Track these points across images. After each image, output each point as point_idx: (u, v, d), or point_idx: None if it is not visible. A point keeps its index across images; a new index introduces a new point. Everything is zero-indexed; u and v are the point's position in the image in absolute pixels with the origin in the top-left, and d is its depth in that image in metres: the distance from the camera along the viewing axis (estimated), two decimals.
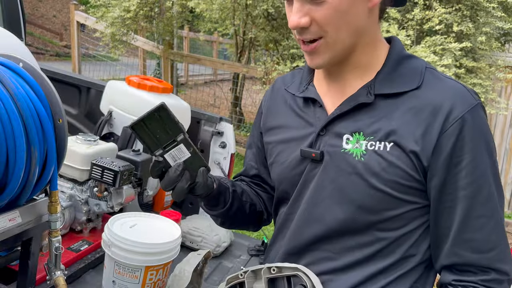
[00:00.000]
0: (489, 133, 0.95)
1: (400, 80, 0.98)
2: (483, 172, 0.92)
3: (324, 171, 1.01)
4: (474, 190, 0.92)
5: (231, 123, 2.79)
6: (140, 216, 1.93)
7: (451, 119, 0.92)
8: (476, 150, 0.92)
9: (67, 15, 17.35)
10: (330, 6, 0.90)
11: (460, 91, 0.95)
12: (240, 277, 1.07)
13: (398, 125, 0.94)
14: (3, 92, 1.29)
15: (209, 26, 8.72)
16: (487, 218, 0.92)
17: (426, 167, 0.93)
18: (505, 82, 5.19)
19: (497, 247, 0.93)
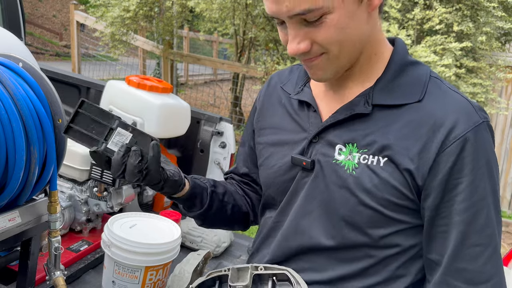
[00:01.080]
0: (492, 155, 0.88)
1: (401, 90, 0.91)
2: (482, 197, 0.86)
3: (314, 181, 0.96)
4: (471, 216, 0.85)
5: (231, 123, 2.78)
6: (140, 216, 1.93)
7: (452, 137, 0.85)
8: (476, 172, 0.85)
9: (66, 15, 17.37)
10: (330, 25, 0.83)
11: (465, 107, 0.88)
12: (224, 272, 1.02)
13: (394, 140, 0.88)
14: (2, 92, 1.29)
15: (209, 26, 8.71)
16: (483, 247, 0.86)
17: (421, 186, 0.87)
18: (506, 82, 5.19)
19: (492, 279, 0.86)
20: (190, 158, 2.85)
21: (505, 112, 4.81)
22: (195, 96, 8.64)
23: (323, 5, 0.81)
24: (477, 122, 0.86)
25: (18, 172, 1.31)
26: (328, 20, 0.83)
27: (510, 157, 5.41)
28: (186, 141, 2.84)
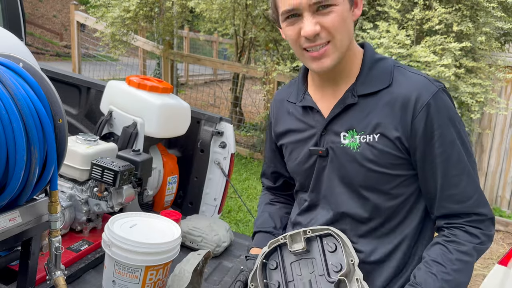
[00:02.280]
0: (451, 110, 1.16)
1: (375, 80, 1.20)
2: (451, 141, 1.15)
3: (331, 164, 1.25)
4: (446, 156, 1.15)
5: (231, 123, 2.79)
6: (140, 216, 1.93)
7: (419, 107, 1.14)
8: (442, 126, 1.14)
9: (67, 15, 17.37)
10: (336, 15, 1.11)
11: (422, 82, 1.17)
12: (281, 240, 1.26)
13: (380, 119, 1.17)
14: (3, 92, 1.29)
15: (209, 26, 8.71)
16: (460, 176, 1.16)
17: (408, 147, 1.17)
18: (505, 82, 5.18)
19: (473, 197, 1.17)
20: (190, 158, 2.85)
21: (504, 112, 4.81)
22: (195, 96, 8.64)
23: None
24: (434, 91, 1.15)
25: (19, 172, 1.31)
26: (335, 10, 1.11)
27: (509, 157, 5.41)
28: (186, 141, 2.85)
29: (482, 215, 1.17)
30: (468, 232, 1.17)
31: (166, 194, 2.69)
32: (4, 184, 1.34)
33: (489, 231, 1.18)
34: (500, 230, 4.93)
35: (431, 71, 4.36)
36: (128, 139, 2.49)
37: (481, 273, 4.01)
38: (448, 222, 1.20)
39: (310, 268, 1.22)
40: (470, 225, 1.18)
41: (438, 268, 1.15)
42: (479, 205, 1.17)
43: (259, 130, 6.56)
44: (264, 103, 7.10)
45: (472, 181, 1.17)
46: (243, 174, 5.90)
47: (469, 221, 1.17)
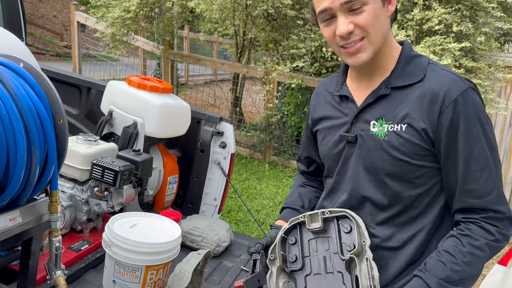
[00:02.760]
0: (478, 108, 1.20)
1: (408, 75, 1.26)
2: (474, 137, 1.19)
3: (359, 150, 1.32)
4: (469, 151, 1.19)
5: (231, 123, 2.79)
6: (140, 216, 1.94)
7: (446, 102, 1.19)
8: (468, 122, 1.18)
9: (67, 15, 17.38)
10: (369, 13, 1.18)
11: (453, 79, 1.21)
12: (301, 218, 1.35)
13: (409, 110, 1.22)
14: (3, 92, 1.29)
15: (209, 26, 8.71)
16: (480, 171, 1.19)
17: (433, 139, 1.21)
18: (505, 82, 5.18)
19: (491, 193, 1.19)
20: (190, 158, 2.86)
21: (504, 112, 4.81)
22: (195, 96, 8.64)
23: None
24: (463, 88, 1.20)
25: (19, 172, 1.32)
26: (367, 9, 1.17)
27: (509, 157, 5.40)
28: (186, 141, 2.85)
29: (500, 213, 1.20)
30: (483, 228, 1.20)
31: (166, 194, 2.70)
32: (4, 184, 1.34)
33: (506, 231, 1.21)
34: None
35: None
36: (129, 139, 2.49)
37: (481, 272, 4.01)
38: (465, 216, 1.23)
39: (325, 246, 1.32)
40: (486, 221, 1.20)
41: (449, 258, 1.19)
42: (497, 202, 1.19)
43: (259, 130, 6.56)
44: (264, 103, 7.10)
45: (493, 178, 1.19)
46: (243, 174, 5.90)
47: (485, 217, 1.20)
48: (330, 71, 5.85)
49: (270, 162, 6.49)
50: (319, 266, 1.31)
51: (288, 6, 5.52)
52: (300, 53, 5.46)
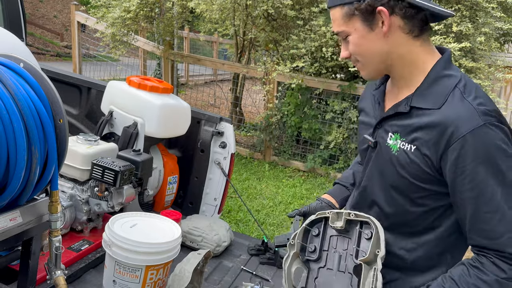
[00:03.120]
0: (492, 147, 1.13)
1: (431, 97, 1.22)
2: (483, 180, 1.14)
3: (376, 156, 1.35)
4: (477, 193, 1.15)
5: (231, 123, 2.79)
6: (140, 216, 1.94)
7: (455, 137, 1.15)
8: (476, 162, 1.13)
9: (67, 15, 17.37)
10: (352, 43, 1.26)
11: (469, 113, 1.15)
12: (327, 214, 1.39)
13: (420, 134, 1.22)
14: (4, 92, 1.30)
15: (209, 26, 8.71)
16: (492, 213, 1.14)
17: (438, 168, 1.20)
18: (505, 82, 5.19)
19: (504, 235, 1.14)
20: (190, 158, 2.86)
21: (504, 112, 4.82)
22: (195, 97, 8.63)
23: (343, 29, 1.26)
24: (476, 125, 1.13)
25: (19, 172, 1.32)
26: (350, 39, 1.26)
27: None
28: (186, 141, 2.85)
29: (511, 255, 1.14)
30: (495, 264, 1.15)
31: (166, 194, 2.70)
32: (5, 184, 1.34)
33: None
34: None
35: None
36: (129, 139, 2.49)
37: None
38: (479, 250, 1.20)
39: (344, 246, 1.37)
40: (500, 258, 1.15)
41: (452, 285, 1.18)
42: (510, 244, 1.14)
43: (259, 130, 6.56)
44: (264, 103, 7.10)
45: (506, 221, 1.14)
46: (243, 174, 5.90)
47: (499, 255, 1.15)
48: (330, 71, 5.85)
49: (270, 162, 6.49)
50: (333, 262, 1.37)
51: (288, 6, 5.52)
52: (300, 53, 5.46)
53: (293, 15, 5.59)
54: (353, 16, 1.22)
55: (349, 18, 1.23)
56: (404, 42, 1.24)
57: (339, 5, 1.24)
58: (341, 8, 1.24)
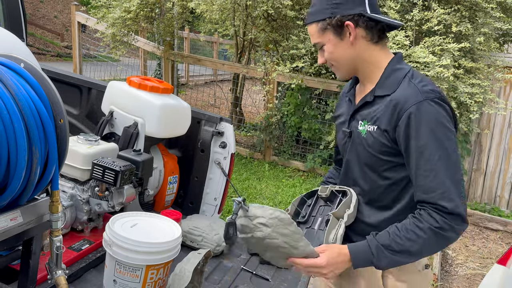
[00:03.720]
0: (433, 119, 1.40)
1: (387, 86, 1.51)
2: (425, 143, 1.39)
3: (352, 143, 1.60)
4: (419, 155, 1.40)
5: (231, 123, 2.80)
6: (141, 216, 1.94)
7: (403, 110, 1.42)
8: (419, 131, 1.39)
9: (68, 15, 17.38)
10: (327, 52, 1.54)
11: (414, 92, 1.43)
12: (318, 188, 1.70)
13: (380, 115, 1.48)
14: (4, 93, 1.30)
15: (209, 27, 8.73)
16: (428, 171, 1.40)
17: (394, 139, 1.46)
18: (504, 82, 5.19)
19: (436, 191, 1.38)
20: (190, 158, 2.86)
21: (503, 112, 4.82)
22: (195, 97, 8.65)
23: (319, 41, 1.54)
24: (419, 100, 1.41)
25: (20, 172, 1.32)
26: (325, 48, 1.54)
27: (508, 157, 5.41)
28: (186, 141, 2.86)
29: (444, 208, 1.37)
30: (430, 215, 1.39)
31: (166, 193, 2.71)
32: (5, 183, 1.35)
33: (454, 224, 1.37)
34: (499, 229, 4.94)
35: (430, 72, 4.37)
36: (129, 139, 2.50)
37: (480, 272, 4.02)
38: (420, 204, 1.44)
39: (327, 211, 1.63)
40: (434, 211, 1.39)
41: (395, 230, 1.43)
42: (442, 199, 1.37)
43: (259, 130, 6.57)
44: (264, 103, 7.11)
45: (438, 179, 1.39)
46: (243, 174, 5.91)
47: (434, 208, 1.39)
48: (329, 71, 5.86)
49: (270, 162, 6.50)
50: (317, 223, 1.64)
51: (288, 7, 5.52)
52: (300, 53, 5.46)
53: (293, 15, 5.60)
54: (326, 29, 1.51)
55: (323, 31, 1.51)
56: (367, 48, 1.53)
57: (315, 21, 1.52)
58: (316, 24, 1.52)
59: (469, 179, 5.60)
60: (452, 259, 4.29)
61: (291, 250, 1.44)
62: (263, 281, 2.29)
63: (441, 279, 3.78)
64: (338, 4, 1.48)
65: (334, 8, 1.48)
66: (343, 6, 1.48)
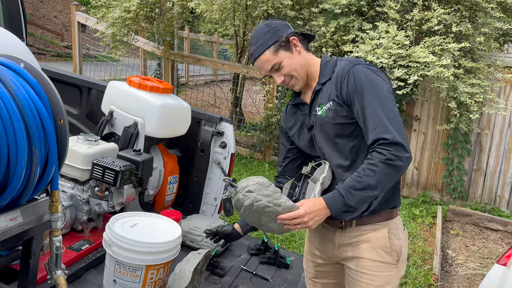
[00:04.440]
0: (363, 74, 1.71)
1: (327, 73, 1.83)
2: (362, 92, 1.69)
3: (316, 130, 1.85)
4: (361, 102, 1.70)
5: (231, 123, 2.80)
6: (140, 216, 1.95)
7: (343, 77, 1.74)
8: (357, 85, 1.71)
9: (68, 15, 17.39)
10: (285, 67, 1.80)
11: (347, 62, 1.79)
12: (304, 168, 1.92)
13: (331, 91, 1.78)
14: (4, 93, 1.30)
15: (209, 26, 8.73)
16: (369, 115, 1.68)
17: (346, 102, 1.74)
18: (504, 82, 5.18)
19: (378, 127, 1.66)
20: (190, 158, 2.87)
21: (503, 112, 4.81)
22: (195, 97, 8.64)
23: (276, 61, 1.79)
24: (351, 66, 1.75)
25: (20, 172, 1.32)
26: (283, 65, 1.80)
27: (508, 157, 5.41)
28: (186, 141, 2.86)
29: (385, 139, 1.63)
30: (377, 151, 1.65)
31: (166, 193, 2.71)
32: (5, 183, 1.35)
33: (397, 152, 1.63)
34: (499, 229, 4.94)
35: (430, 72, 4.37)
36: (129, 139, 2.50)
37: (480, 272, 4.03)
38: (371, 148, 1.69)
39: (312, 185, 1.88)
40: (380, 147, 1.65)
41: (355, 173, 1.69)
42: (381, 133, 1.65)
43: (259, 130, 6.57)
44: (264, 103, 7.11)
45: (379, 118, 1.67)
46: (243, 174, 5.91)
47: (379, 144, 1.65)
48: None
49: (270, 162, 6.50)
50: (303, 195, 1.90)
51: (288, 7, 5.52)
52: None
53: (293, 15, 5.60)
54: (278, 50, 1.79)
55: (276, 52, 1.79)
56: (306, 54, 1.86)
57: (266, 49, 1.79)
58: (268, 51, 1.79)
59: (469, 179, 5.60)
60: (452, 259, 4.29)
61: (276, 208, 1.68)
62: (263, 281, 2.29)
63: (441, 279, 3.78)
64: (277, 30, 1.82)
65: (276, 33, 1.81)
66: (281, 30, 1.82)
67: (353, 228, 1.83)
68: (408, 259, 4.07)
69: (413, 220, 5.02)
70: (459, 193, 5.55)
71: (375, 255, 1.80)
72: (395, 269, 1.82)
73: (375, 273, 1.80)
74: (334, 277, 1.97)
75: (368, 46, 4.53)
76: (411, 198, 5.74)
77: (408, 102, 5.48)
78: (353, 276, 1.83)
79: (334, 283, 1.98)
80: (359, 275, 1.81)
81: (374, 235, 1.81)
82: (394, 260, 1.81)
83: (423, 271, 3.85)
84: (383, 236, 1.81)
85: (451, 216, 5.15)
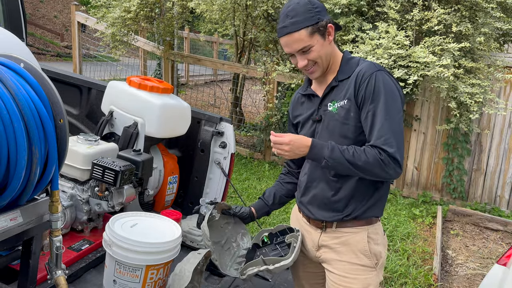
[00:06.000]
0: (382, 85, 1.73)
1: (348, 70, 1.82)
2: (377, 104, 1.72)
3: (322, 125, 1.85)
4: (374, 110, 1.71)
5: (231, 123, 2.80)
6: (140, 216, 1.94)
7: (361, 81, 1.74)
8: (373, 93, 1.72)
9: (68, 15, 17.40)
10: (315, 52, 1.76)
11: (370, 65, 1.79)
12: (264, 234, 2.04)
13: (347, 90, 1.78)
14: (4, 93, 1.30)
15: (209, 26, 8.72)
16: (375, 124, 1.71)
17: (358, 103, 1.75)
18: (504, 83, 5.18)
19: (381, 138, 1.69)
20: (190, 158, 2.87)
21: (503, 112, 4.81)
22: (195, 97, 8.65)
23: (308, 44, 1.74)
24: (374, 71, 1.75)
25: (20, 172, 1.32)
26: (313, 49, 1.76)
27: (508, 157, 5.41)
28: (186, 141, 2.86)
29: (385, 151, 1.68)
30: (375, 148, 1.69)
31: (166, 193, 2.71)
32: (5, 183, 1.35)
33: (393, 164, 1.68)
34: (499, 229, 4.94)
35: (430, 72, 4.37)
36: (129, 139, 2.50)
37: (480, 272, 4.03)
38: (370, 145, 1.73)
39: None
40: (378, 148, 1.69)
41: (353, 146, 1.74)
42: (384, 144, 1.69)
43: (259, 130, 6.57)
44: (264, 103, 7.11)
45: (383, 130, 1.70)
46: (243, 174, 5.91)
47: (380, 149, 1.69)
48: None
49: (270, 162, 6.50)
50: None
51: None
52: None
53: None
54: (315, 33, 1.74)
55: (312, 35, 1.74)
56: (333, 45, 1.85)
57: (303, 28, 1.72)
58: (305, 30, 1.73)
59: (469, 179, 5.60)
60: (452, 259, 4.29)
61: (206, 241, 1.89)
62: (263, 281, 2.29)
63: (441, 279, 3.78)
64: (319, 11, 1.77)
65: (317, 14, 1.75)
66: (322, 13, 1.78)
67: (333, 230, 1.85)
68: (408, 259, 4.07)
69: (413, 220, 5.01)
70: (459, 193, 5.55)
71: (354, 258, 1.82)
72: (374, 272, 1.84)
73: (354, 275, 1.82)
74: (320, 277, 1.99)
75: (368, 46, 4.53)
76: (411, 198, 5.73)
77: (408, 102, 5.48)
78: (333, 279, 1.85)
79: (321, 283, 1.99)
80: (339, 279, 1.83)
81: (353, 238, 1.83)
82: (373, 264, 1.83)
83: (423, 271, 3.85)
84: (362, 240, 1.82)
85: (451, 216, 5.15)
